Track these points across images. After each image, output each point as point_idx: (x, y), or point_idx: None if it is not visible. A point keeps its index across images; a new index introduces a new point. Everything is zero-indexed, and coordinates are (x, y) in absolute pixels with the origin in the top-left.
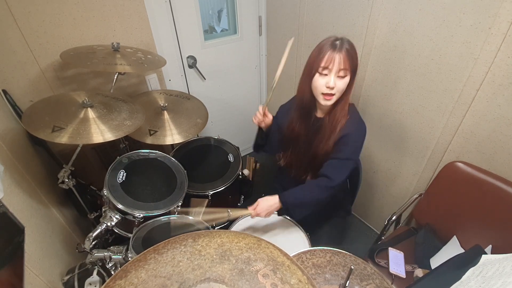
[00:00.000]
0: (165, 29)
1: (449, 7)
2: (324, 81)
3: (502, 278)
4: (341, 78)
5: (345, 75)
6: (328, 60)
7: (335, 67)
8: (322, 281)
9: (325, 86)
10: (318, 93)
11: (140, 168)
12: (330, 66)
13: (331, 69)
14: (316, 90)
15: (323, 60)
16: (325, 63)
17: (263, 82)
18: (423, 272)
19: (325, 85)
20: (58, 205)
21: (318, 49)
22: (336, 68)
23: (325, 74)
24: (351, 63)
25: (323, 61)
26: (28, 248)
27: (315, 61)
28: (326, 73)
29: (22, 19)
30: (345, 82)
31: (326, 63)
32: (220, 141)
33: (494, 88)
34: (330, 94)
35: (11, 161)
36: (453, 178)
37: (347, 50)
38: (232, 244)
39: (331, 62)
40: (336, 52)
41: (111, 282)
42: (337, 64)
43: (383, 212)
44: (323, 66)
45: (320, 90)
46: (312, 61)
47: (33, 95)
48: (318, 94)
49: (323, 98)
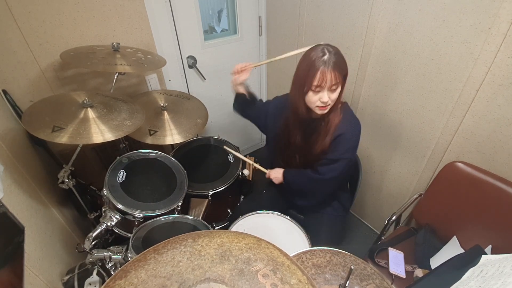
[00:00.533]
0: (165, 29)
1: (449, 7)
2: (317, 97)
3: (502, 278)
4: (334, 91)
5: (337, 87)
6: (320, 79)
7: (328, 83)
8: (322, 281)
9: (320, 101)
10: (313, 106)
11: (140, 168)
12: (323, 83)
13: (324, 86)
14: (311, 104)
15: (315, 79)
16: (317, 82)
17: (263, 82)
18: (423, 272)
19: (319, 99)
20: (58, 205)
21: (308, 64)
22: (328, 84)
23: (318, 91)
24: (342, 74)
25: (315, 80)
26: (28, 248)
27: (307, 78)
28: (319, 90)
29: (22, 19)
30: (337, 92)
31: (318, 82)
32: (220, 141)
33: (494, 88)
34: (325, 106)
35: (11, 161)
36: (453, 178)
37: (335, 64)
38: (232, 244)
39: (323, 81)
40: (327, 68)
41: (111, 282)
42: (329, 81)
43: (383, 212)
44: (315, 84)
45: (315, 104)
46: (303, 77)
47: (33, 95)
48: (313, 107)
49: (319, 109)
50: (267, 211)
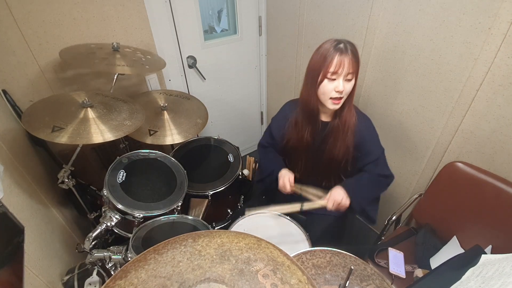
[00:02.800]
0: (165, 29)
1: (449, 7)
2: (332, 86)
3: (502, 278)
4: (348, 81)
5: (352, 78)
6: (337, 64)
7: (345, 71)
8: (322, 282)
9: (334, 90)
10: (326, 98)
11: (140, 168)
12: (340, 70)
13: (340, 73)
14: (324, 96)
15: (332, 65)
16: (334, 68)
17: (263, 82)
18: (423, 272)
19: (334, 89)
20: (58, 205)
21: (321, 55)
22: (345, 72)
23: (333, 78)
24: (357, 65)
25: (331, 66)
26: (28, 248)
27: (321, 67)
28: (334, 78)
29: (22, 19)
30: (351, 84)
31: (335, 68)
32: (220, 141)
33: (494, 88)
34: (339, 98)
35: (11, 161)
36: (453, 178)
37: (353, 52)
38: (232, 244)
39: (341, 67)
40: (344, 55)
41: (111, 282)
42: (346, 68)
43: (383, 212)
44: (332, 71)
45: (329, 95)
46: (317, 67)
47: (33, 95)
48: (326, 99)
49: (332, 103)
50: (267, 211)
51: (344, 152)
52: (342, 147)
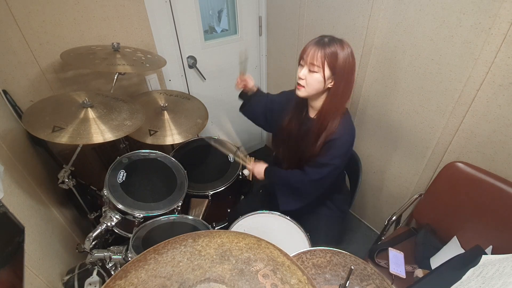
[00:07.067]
0: (165, 29)
1: (449, 7)
2: (299, 72)
3: (502, 278)
4: (312, 73)
5: (318, 71)
6: (305, 51)
7: (308, 59)
8: (322, 281)
9: (298, 75)
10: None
11: (140, 168)
12: (304, 56)
13: (305, 60)
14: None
15: (304, 50)
16: (302, 52)
17: (263, 82)
18: (423, 273)
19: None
20: (58, 205)
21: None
22: (309, 60)
23: (301, 64)
24: (329, 62)
25: (303, 51)
26: (28, 248)
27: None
28: (302, 64)
29: (22, 19)
30: (315, 78)
31: (302, 53)
32: (220, 142)
33: (494, 88)
34: (301, 85)
35: (11, 161)
36: (453, 178)
37: (325, 47)
38: (232, 244)
39: (305, 53)
40: (316, 46)
41: (111, 282)
42: (310, 57)
43: (383, 212)
44: (300, 56)
45: (296, 80)
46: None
47: (33, 95)
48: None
49: (296, 88)
50: (267, 211)
51: (313, 154)
52: (312, 149)
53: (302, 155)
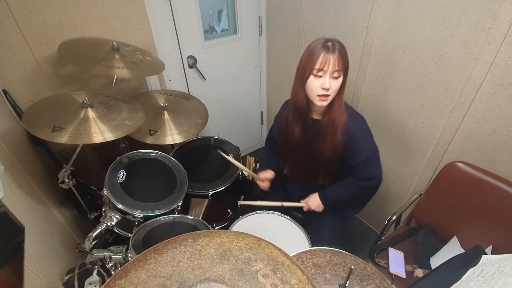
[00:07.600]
0: (165, 29)
1: (449, 7)
2: (319, 83)
3: (502, 278)
4: (335, 79)
5: (339, 76)
6: (323, 62)
7: (330, 68)
8: (322, 281)
9: (321, 87)
10: (313, 95)
11: (140, 168)
12: (325, 67)
13: (326, 70)
14: (312, 92)
15: (318, 62)
16: (319, 65)
17: (263, 82)
18: (423, 272)
19: (321, 86)
20: (58, 205)
21: (309, 52)
22: (331, 69)
23: (319, 76)
24: (344, 63)
25: (317, 63)
26: (28, 248)
27: (309, 64)
28: (321, 75)
29: (22, 19)
30: (338, 82)
31: (321, 65)
32: (220, 141)
33: (494, 88)
34: (326, 95)
35: (11, 161)
36: (453, 178)
37: (340, 51)
38: (232, 244)
39: (326, 64)
40: (330, 53)
41: (111, 282)
42: (331, 66)
43: (383, 212)
44: (317, 68)
45: (316, 92)
46: (305, 64)
47: (33, 95)
48: (314, 96)
49: (319, 99)
50: (267, 211)
51: (332, 151)
52: (330, 146)
53: (320, 157)
